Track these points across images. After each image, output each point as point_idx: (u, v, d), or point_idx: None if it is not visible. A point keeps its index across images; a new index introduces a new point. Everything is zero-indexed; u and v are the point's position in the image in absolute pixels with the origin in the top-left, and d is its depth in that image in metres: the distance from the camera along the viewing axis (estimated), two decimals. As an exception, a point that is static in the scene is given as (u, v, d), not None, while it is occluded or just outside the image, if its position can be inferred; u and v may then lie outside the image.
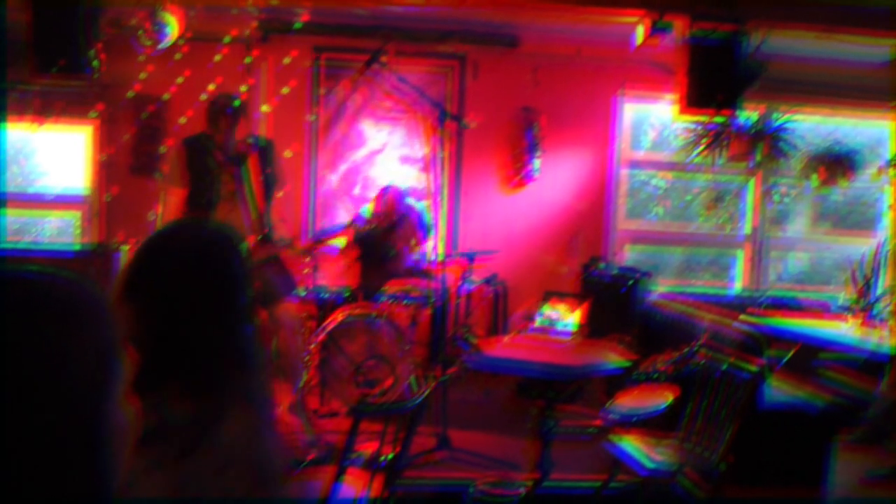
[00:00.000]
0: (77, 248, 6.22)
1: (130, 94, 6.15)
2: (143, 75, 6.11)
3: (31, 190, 6.58)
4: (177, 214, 4.19)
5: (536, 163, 6.48)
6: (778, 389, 4.29)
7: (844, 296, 6.16)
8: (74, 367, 0.79)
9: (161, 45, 5.49)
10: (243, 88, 6.14)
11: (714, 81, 5.00)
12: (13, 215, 6.58)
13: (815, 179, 6.63)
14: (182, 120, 6.16)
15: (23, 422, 0.75)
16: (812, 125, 6.69)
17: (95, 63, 5.07)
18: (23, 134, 6.25)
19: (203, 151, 4.22)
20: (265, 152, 4.32)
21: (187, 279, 1.43)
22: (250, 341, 1.48)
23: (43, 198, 6.54)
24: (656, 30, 5.21)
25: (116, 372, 0.84)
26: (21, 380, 0.76)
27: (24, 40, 4.97)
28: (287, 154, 6.15)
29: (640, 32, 5.37)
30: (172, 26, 5.46)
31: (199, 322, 1.42)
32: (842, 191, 6.85)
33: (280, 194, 4.48)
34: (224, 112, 4.21)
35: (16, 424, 0.75)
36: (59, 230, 6.66)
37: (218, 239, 1.52)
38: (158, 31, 5.36)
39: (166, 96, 6.19)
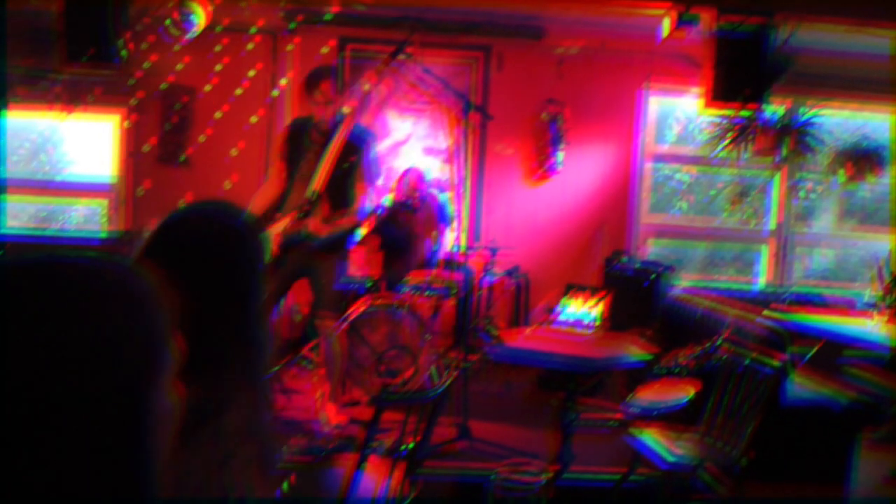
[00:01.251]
0: (104, 235, 6.30)
1: (163, 86, 6.21)
2: (173, 66, 6.17)
3: (58, 178, 6.67)
4: (270, 187, 4.29)
5: (560, 155, 6.46)
6: (801, 386, 4.26)
7: (870, 293, 6.09)
8: (124, 353, 0.80)
9: (188, 35, 5.54)
10: (283, 81, 6.18)
11: (741, 75, 4.97)
12: (41, 203, 6.68)
13: (842, 175, 6.55)
14: (217, 114, 6.22)
15: (71, 405, 0.77)
16: (840, 120, 6.61)
17: (124, 53, 5.14)
18: (51, 122, 6.34)
19: (303, 131, 4.25)
20: (360, 137, 4.27)
21: (199, 260, 1.41)
22: (260, 326, 1.46)
23: (70, 186, 6.62)
24: (683, 22, 5.18)
25: (165, 360, 0.85)
26: (72, 364, 0.77)
27: (55, 29, 5.04)
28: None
29: (666, 25, 5.34)
30: (200, 16, 5.51)
31: (208, 304, 1.39)
32: (869, 187, 6.77)
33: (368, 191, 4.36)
34: (313, 81, 4.19)
35: (65, 406, 0.76)
36: (86, 218, 6.75)
37: (231, 222, 1.49)
38: (186, 21, 5.41)
39: (207, 87, 6.24)
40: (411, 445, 2.65)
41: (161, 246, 1.43)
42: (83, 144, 6.66)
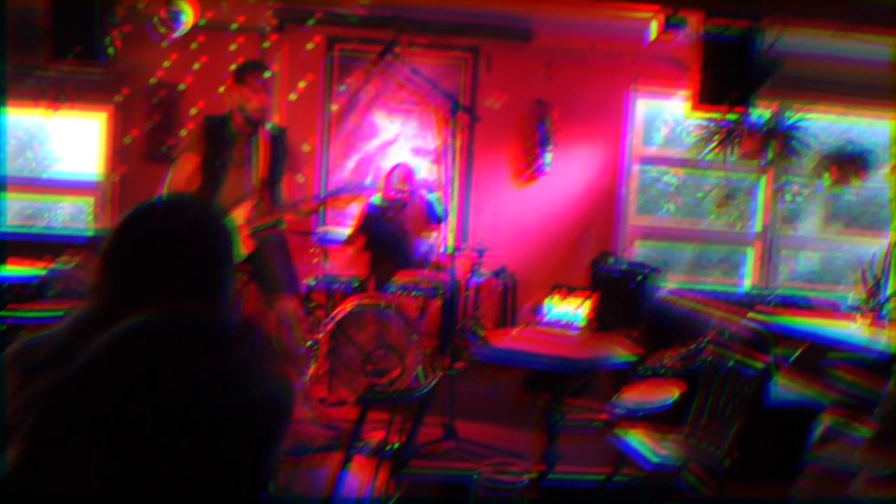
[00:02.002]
0: (90, 233, 6.26)
1: (152, 81, 6.19)
2: (160, 63, 6.15)
3: (44, 175, 6.62)
4: (188, 180, 4.24)
5: (548, 157, 6.48)
6: (785, 388, 4.28)
7: (854, 296, 6.14)
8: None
9: (176, 33, 5.52)
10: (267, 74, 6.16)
11: (727, 78, 5.00)
12: (26, 200, 6.63)
13: (827, 178, 6.61)
14: (193, 111, 6.21)
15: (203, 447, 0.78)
16: (825, 124, 6.66)
17: (111, 50, 5.11)
18: (37, 119, 6.30)
19: (222, 125, 4.28)
20: (277, 140, 4.38)
21: (167, 248, 1.39)
22: (229, 312, 1.46)
23: (56, 183, 6.59)
24: (670, 25, 5.21)
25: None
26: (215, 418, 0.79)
27: (41, 26, 5.02)
28: (305, 148, 6.19)
29: (654, 28, 5.36)
30: (187, 14, 5.49)
31: (176, 293, 1.36)
32: (854, 190, 6.82)
33: (300, 179, 4.51)
34: (248, 67, 4.27)
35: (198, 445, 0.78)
36: (71, 216, 6.71)
37: (201, 211, 1.48)
38: (173, 18, 5.39)
39: (182, 86, 6.23)
40: (397, 445, 2.65)
41: (126, 240, 1.41)
42: (69, 142, 6.62)
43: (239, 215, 4.22)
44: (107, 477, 0.76)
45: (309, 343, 4.77)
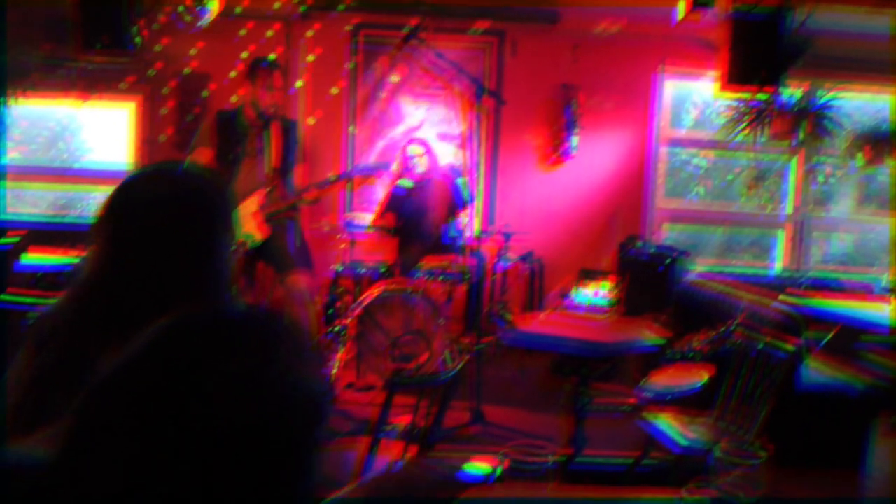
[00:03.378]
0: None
1: (182, 70, 6.24)
2: (188, 52, 6.19)
3: (76, 165, 6.72)
4: None
5: (574, 140, 6.44)
6: (817, 371, 4.24)
7: (888, 277, 6.05)
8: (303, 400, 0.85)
9: (202, 22, 5.55)
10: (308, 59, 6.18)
11: (757, 57, 4.91)
12: (59, 190, 6.74)
13: (860, 159, 6.48)
14: (233, 98, 6.25)
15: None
16: (858, 103, 6.53)
17: (138, 40, 5.16)
18: (69, 110, 6.39)
19: (234, 118, 4.41)
20: (289, 130, 4.50)
21: (161, 217, 1.38)
22: (226, 283, 1.43)
23: (88, 173, 6.68)
24: (698, 4, 5.12)
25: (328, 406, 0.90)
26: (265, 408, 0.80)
27: (71, 18, 5.07)
28: (310, 121, 6.21)
29: (681, 7, 5.28)
30: (213, 2, 5.51)
31: (172, 262, 1.37)
32: (888, 170, 6.69)
33: (332, 178, 4.59)
34: (260, 65, 4.38)
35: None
36: (103, 205, 6.80)
37: (195, 179, 1.46)
38: (199, 7, 5.42)
39: (195, 72, 6.27)
40: (424, 429, 2.66)
41: (118, 211, 1.40)
42: (100, 132, 6.71)
43: (253, 202, 4.33)
44: (151, 474, 0.77)
45: (337, 328, 4.81)
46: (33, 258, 5.04)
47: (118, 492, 0.76)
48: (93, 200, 6.83)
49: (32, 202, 6.73)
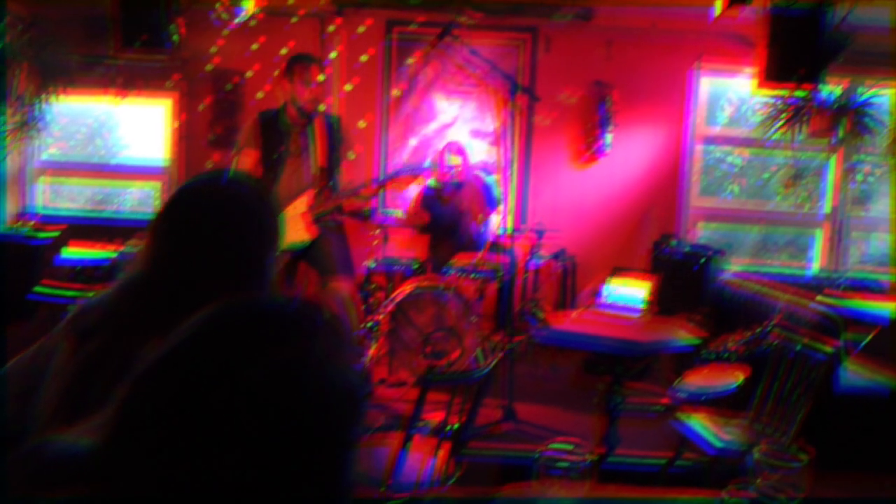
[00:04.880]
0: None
1: (209, 67, 6.30)
2: (219, 49, 6.25)
3: (113, 161, 6.83)
4: (250, 174, 4.32)
5: (608, 138, 6.39)
6: (856, 373, 4.16)
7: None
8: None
9: (238, 19, 5.61)
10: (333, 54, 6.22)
11: (796, 54, 4.85)
12: (97, 186, 6.85)
13: (901, 157, 6.35)
14: (259, 95, 6.31)
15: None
16: (900, 100, 6.40)
17: (175, 38, 5.23)
18: (106, 107, 6.49)
19: (276, 119, 4.37)
20: (334, 127, 4.45)
21: (213, 221, 1.46)
22: (269, 283, 1.50)
23: (125, 169, 6.78)
24: (736, 1, 5.06)
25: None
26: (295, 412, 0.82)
27: (110, 16, 5.16)
28: (361, 124, 6.25)
29: (718, 3, 5.22)
30: (249, 1, 5.57)
31: (220, 263, 1.44)
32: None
33: (351, 156, 4.57)
34: (297, 61, 4.34)
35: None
36: (139, 200, 6.90)
37: (248, 188, 1.53)
38: (235, 5, 5.47)
39: (249, 73, 6.33)
40: (456, 426, 2.66)
41: (175, 213, 1.48)
42: (137, 128, 6.80)
43: (301, 203, 4.30)
44: (193, 461, 0.78)
45: (369, 324, 4.83)
46: (73, 252, 5.13)
47: (160, 480, 0.77)
48: (130, 196, 6.93)
49: (71, 197, 6.85)
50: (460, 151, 5.60)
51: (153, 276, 1.43)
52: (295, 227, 4.30)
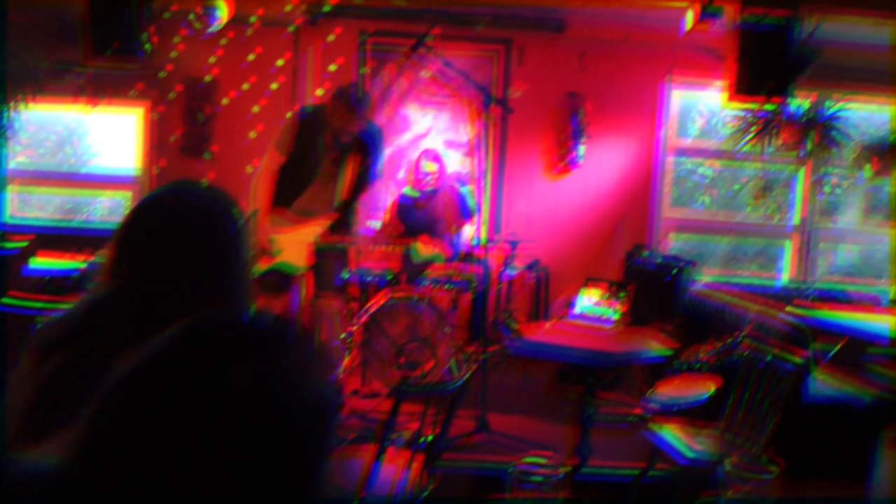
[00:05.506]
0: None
1: (188, 76, 6.26)
2: (196, 59, 6.21)
3: (83, 170, 6.74)
4: (269, 178, 4.31)
5: (581, 149, 6.44)
6: (824, 383, 4.22)
7: (893, 290, 6.02)
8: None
9: (212, 29, 5.57)
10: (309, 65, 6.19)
11: (765, 68, 4.91)
12: (66, 195, 6.76)
13: (867, 170, 6.47)
14: (224, 101, 6.27)
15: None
16: (866, 114, 6.52)
17: (147, 46, 5.18)
18: (77, 115, 6.41)
19: (315, 129, 4.31)
20: (374, 140, 4.41)
21: (178, 233, 1.44)
22: (241, 293, 1.48)
23: (95, 178, 6.70)
24: (706, 14, 5.13)
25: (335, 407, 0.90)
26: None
27: (80, 23, 5.10)
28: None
29: (689, 17, 5.29)
30: (223, 9, 5.54)
31: (188, 273, 1.42)
32: (894, 182, 6.67)
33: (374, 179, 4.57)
34: (339, 98, 4.31)
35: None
36: (110, 210, 6.81)
37: (212, 198, 1.51)
38: (209, 14, 5.44)
39: (207, 78, 6.29)
40: (430, 437, 2.66)
41: (138, 224, 1.46)
42: (107, 137, 6.73)
43: (312, 232, 4.28)
44: (163, 478, 0.77)
45: (343, 335, 4.81)
46: (41, 262, 5.05)
47: (130, 496, 0.76)
48: (100, 205, 6.84)
49: (39, 206, 6.75)
50: (436, 158, 5.60)
51: (117, 291, 1.41)
52: (297, 253, 4.25)
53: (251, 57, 6.24)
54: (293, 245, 4.24)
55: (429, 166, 5.55)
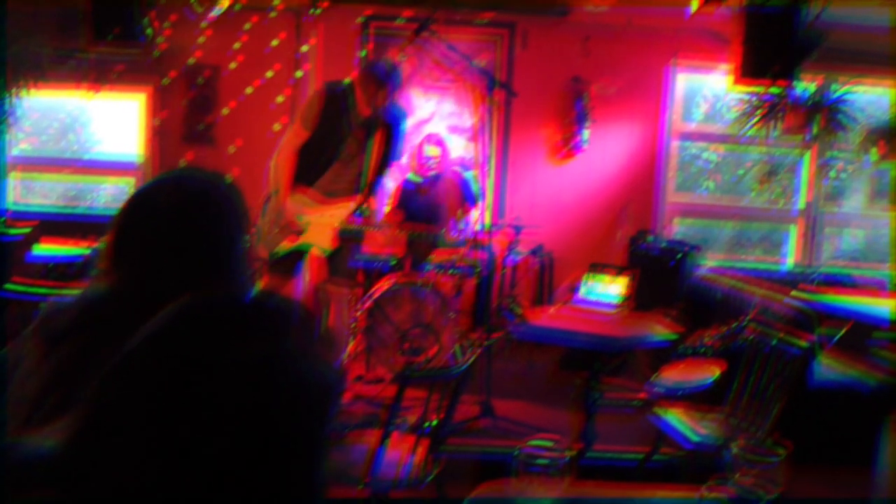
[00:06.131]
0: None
1: (190, 61, 6.23)
2: (197, 43, 6.19)
3: (86, 157, 6.73)
4: (292, 154, 4.16)
5: (585, 134, 6.41)
6: (829, 367, 4.21)
7: (898, 274, 6.00)
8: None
9: (213, 13, 5.55)
10: (304, 48, 6.17)
11: (770, 51, 4.88)
12: (70, 181, 6.75)
13: (873, 154, 6.42)
14: (249, 90, 6.25)
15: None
16: (872, 97, 6.48)
17: (149, 31, 5.16)
18: (79, 102, 6.39)
19: (341, 106, 4.14)
20: (398, 121, 4.28)
21: (175, 220, 1.42)
22: (243, 275, 1.47)
23: (98, 164, 6.69)
24: (712, -3, 5.09)
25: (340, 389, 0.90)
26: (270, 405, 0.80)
27: (82, 9, 5.08)
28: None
29: (694, 1, 5.25)
30: (224, -6, 5.51)
31: (191, 270, 1.41)
32: (898, 166, 6.64)
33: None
34: (366, 78, 4.10)
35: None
36: (113, 196, 6.81)
37: (209, 183, 1.49)
38: (210, -2, 5.41)
39: (205, 63, 6.26)
40: (434, 422, 2.66)
41: (136, 213, 1.44)
42: (110, 123, 6.71)
43: (338, 214, 4.19)
44: (161, 459, 0.76)
45: (349, 321, 4.81)
46: (45, 249, 5.06)
47: (127, 479, 0.75)
48: (103, 192, 6.84)
49: (43, 193, 6.75)
50: (439, 143, 5.58)
51: (121, 281, 1.40)
52: (322, 234, 4.15)
53: (249, 43, 6.21)
54: (318, 226, 4.15)
55: (432, 150, 5.52)
